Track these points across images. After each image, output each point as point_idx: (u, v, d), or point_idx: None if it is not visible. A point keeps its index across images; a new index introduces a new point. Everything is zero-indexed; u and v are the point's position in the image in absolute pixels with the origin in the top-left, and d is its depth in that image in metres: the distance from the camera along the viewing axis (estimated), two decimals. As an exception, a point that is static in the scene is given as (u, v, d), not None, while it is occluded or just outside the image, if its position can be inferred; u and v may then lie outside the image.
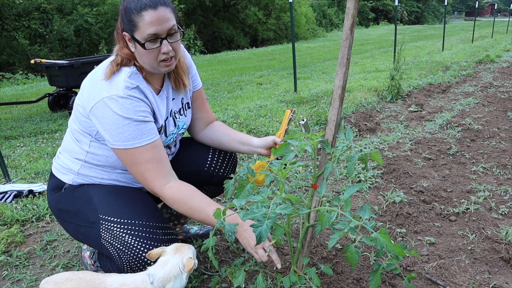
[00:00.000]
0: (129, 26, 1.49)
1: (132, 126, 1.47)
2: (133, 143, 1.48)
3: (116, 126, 1.46)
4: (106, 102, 1.46)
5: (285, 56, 13.34)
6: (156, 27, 1.45)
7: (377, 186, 2.88)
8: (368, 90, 6.27)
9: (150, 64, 1.55)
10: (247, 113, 5.24)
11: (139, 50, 1.51)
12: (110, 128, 1.47)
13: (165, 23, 1.47)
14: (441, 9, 46.38)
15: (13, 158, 3.99)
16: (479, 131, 4.00)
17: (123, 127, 1.46)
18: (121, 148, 1.50)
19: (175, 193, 1.55)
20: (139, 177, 1.55)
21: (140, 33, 1.47)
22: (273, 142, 1.86)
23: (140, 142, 1.49)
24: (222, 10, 22.78)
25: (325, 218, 1.24)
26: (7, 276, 2.04)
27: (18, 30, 15.63)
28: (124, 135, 1.47)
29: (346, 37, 1.39)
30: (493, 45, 13.42)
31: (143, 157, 1.50)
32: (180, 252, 1.42)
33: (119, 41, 1.59)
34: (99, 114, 1.47)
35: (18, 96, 8.42)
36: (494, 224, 2.32)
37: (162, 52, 1.51)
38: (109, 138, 1.50)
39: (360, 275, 1.93)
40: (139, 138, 1.49)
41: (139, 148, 1.49)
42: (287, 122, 1.89)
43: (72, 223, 1.66)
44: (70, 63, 5.90)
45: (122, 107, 1.46)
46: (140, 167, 1.52)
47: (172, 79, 1.74)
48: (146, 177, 1.53)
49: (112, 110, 1.45)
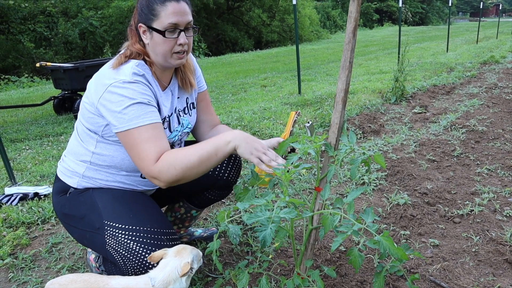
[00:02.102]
0: (149, 16, 1.55)
1: (136, 107, 1.49)
2: (136, 122, 1.49)
3: (122, 107, 1.48)
4: (114, 86, 1.49)
5: (289, 58, 13.35)
6: (177, 17, 1.54)
7: (381, 188, 2.88)
8: (372, 92, 6.26)
9: (164, 55, 1.59)
10: (251, 115, 5.25)
11: (156, 40, 1.56)
12: (116, 110, 1.49)
13: (186, 16, 1.56)
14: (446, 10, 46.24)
15: (18, 161, 4.02)
16: (484, 133, 3.98)
17: (128, 108, 1.48)
18: (124, 130, 1.50)
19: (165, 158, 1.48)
20: (136, 160, 1.52)
21: (160, 22, 1.54)
22: (278, 144, 1.87)
23: (142, 121, 1.49)
24: (226, 13, 22.84)
25: (329, 221, 1.25)
26: (13, 278, 2.06)
27: (24, 34, 15.76)
28: (128, 115, 1.48)
29: (348, 40, 1.39)
30: (498, 46, 13.36)
31: (142, 136, 1.49)
32: (180, 255, 1.43)
33: (131, 37, 1.64)
34: (107, 99, 1.50)
35: (24, 99, 8.49)
36: (499, 226, 2.32)
37: (179, 43, 1.57)
38: (114, 121, 1.51)
39: (363, 277, 1.93)
40: (142, 117, 1.50)
41: (140, 128, 1.49)
42: (292, 124, 1.90)
43: (77, 228, 1.67)
44: (75, 66, 5.94)
45: (129, 90, 1.49)
46: (137, 148, 1.50)
47: (179, 78, 1.77)
48: (142, 158, 1.49)
49: (118, 94, 1.49)
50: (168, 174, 1.47)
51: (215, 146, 1.50)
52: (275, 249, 2.19)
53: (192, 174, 1.51)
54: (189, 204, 2.10)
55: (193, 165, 1.48)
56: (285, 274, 1.97)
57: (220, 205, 2.79)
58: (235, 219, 1.31)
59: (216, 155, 1.50)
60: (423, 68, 8.78)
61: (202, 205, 2.11)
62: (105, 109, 1.51)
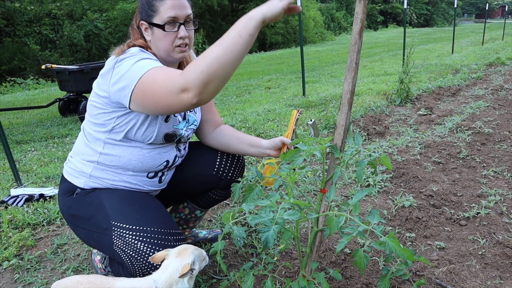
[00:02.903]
0: (149, 12, 1.58)
1: (144, 60, 1.48)
2: (146, 68, 1.43)
3: (130, 65, 1.46)
4: (121, 59, 1.50)
5: (294, 60, 13.35)
6: (176, 11, 1.56)
7: (386, 190, 2.87)
8: (377, 94, 6.25)
9: (165, 49, 1.61)
10: (256, 117, 5.25)
11: (157, 35, 1.59)
12: (125, 72, 1.46)
13: (184, 9, 1.59)
14: (451, 11, 46.10)
15: (24, 163, 4.04)
16: (490, 135, 3.96)
17: (136, 63, 1.46)
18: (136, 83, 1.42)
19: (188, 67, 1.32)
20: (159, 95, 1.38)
21: (160, 17, 1.57)
22: (281, 143, 1.87)
23: (152, 65, 1.44)
24: (230, 15, 22.88)
25: (334, 222, 1.24)
26: (18, 279, 2.07)
27: (29, 36, 15.87)
28: (137, 68, 1.44)
29: (355, 42, 1.39)
30: (504, 48, 13.30)
31: (155, 74, 1.40)
32: (181, 256, 1.42)
33: (133, 34, 1.68)
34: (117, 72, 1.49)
35: (29, 101, 8.54)
36: (506, 228, 2.30)
37: (179, 36, 1.60)
38: (127, 81, 1.45)
39: (369, 280, 1.92)
40: (150, 64, 1.45)
41: (151, 70, 1.41)
42: (294, 123, 1.90)
43: (84, 228, 1.67)
44: (80, 68, 5.97)
45: (136, 56, 1.51)
46: (156, 85, 1.38)
47: None
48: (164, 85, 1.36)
49: (127, 59, 1.50)
50: (194, 75, 1.29)
51: (237, 28, 1.29)
52: (280, 251, 2.18)
53: (219, 67, 1.28)
54: (193, 205, 2.10)
55: (218, 55, 1.28)
56: (290, 276, 1.96)
57: (225, 206, 2.79)
58: (239, 220, 1.31)
59: (240, 36, 1.28)
60: (428, 69, 8.75)
61: (206, 206, 2.11)
62: (117, 79, 1.49)
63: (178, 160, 1.84)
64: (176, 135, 1.74)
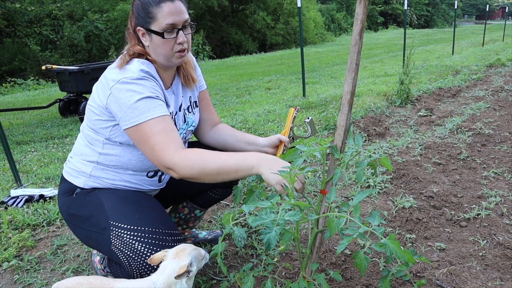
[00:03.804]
0: (146, 19, 1.57)
1: (145, 101, 1.50)
2: (146, 115, 1.49)
3: (131, 102, 1.49)
4: (122, 83, 1.50)
5: (294, 60, 13.35)
6: (174, 17, 1.55)
7: (386, 191, 2.86)
8: (377, 95, 6.25)
9: (165, 56, 1.60)
10: (256, 118, 5.25)
11: (155, 41, 1.58)
12: (125, 106, 1.49)
13: (182, 15, 1.58)
14: (451, 12, 46.13)
15: (24, 163, 4.04)
16: (490, 136, 3.96)
17: (137, 102, 1.49)
18: (134, 125, 1.50)
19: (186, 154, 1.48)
20: (150, 153, 1.52)
21: (158, 24, 1.55)
22: (278, 140, 1.87)
23: (152, 114, 1.50)
24: (230, 15, 22.90)
25: (334, 223, 1.24)
26: (18, 280, 2.06)
27: (30, 37, 15.89)
28: (138, 110, 1.49)
29: (355, 43, 1.39)
30: (504, 49, 13.30)
31: (153, 129, 1.49)
32: (178, 257, 1.42)
33: (130, 40, 1.66)
34: (116, 96, 1.51)
35: (30, 101, 8.54)
36: (506, 230, 2.29)
37: (178, 42, 1.59)
38: (124, 117, 1.51)
39: (369, 281, 1.91)
40: (152, 111, 1.50)
41: (150, 122, 1.49)
42: (291, 120, 1.89)
43: (83, 228, 1.67)
44: (80, 68, 5.97)
45: (138, 85, 1.51)
46: (150, 141, 1.50)
47: (182, 75, 1.79)
48: (156, 150, 1.49)
49: (127, 89, 1.50)
50: (184, 170, 1.47)
51: (238, 166, 1.46)
52: (280, 252, 2.18)
53: (207, 179, 1.50)
54: (192, 204, 2.11)
55: (211, 172, 1.47)
56: (290, 278, 1.96)
57: (225, 207, 2.78)
58: (240, 221, 1.30)
59: (236, 173, 1.47)
60: (428, 71, 8.75)
61: (205, 205, 2.11)
62: (115, 106, 1.52)
63: None
64: None
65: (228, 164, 1.47)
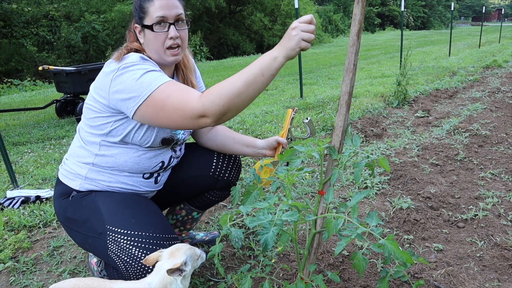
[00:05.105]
0: (140, 15, 1.59)
1: (150, 74, 1.47)
2: (156, 83, 1.43)
3: (135, 79, 1.45)
4: (123, 68, 1.48)
5: (291, 61, 13.25)
6: (164, 11, 1.55)
7: (384, 192, 2.86)
8: (374, 96, 6.26)
9: (156, 51, 1.60)
10: (253, 119, 5.25)
11: (148, 36, 1.59)
12: (131, 85, 1.45)
13: (174, 9, 1.57)
14: (448, 14, 46.29)
15: (20, 164, 4.02)
16: (487, 137, 3.97)
17: (143, 76, 1.45)
18: (147, 97, 1.43)
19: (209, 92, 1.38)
20: (173, 116, 1.41)
21: (149, 18, 1.56)
22: (276, 142, 1.86)
23: (162, 80, 1.44)
24: (228, 17, 22.89)
25: (332, 224, 1.24)
26: (14, 282, 2.05)
27: (27, 37, 15.83)
28: (145, 82, 1.44)
29: (353, 43, 1.38)
30: (501, 50, 13.35)
31: (167, 92, 1.42)
32: (173, 256, 1.41)
33: (129, 37, 1.68)
34: (119, 81, 1.48)
35: (26, 102, 8.50)
36: (503, 230, 2.30)
37: (169, 37, 1.58)
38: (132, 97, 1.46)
39: (367, 282, 1.91)
40: (160, 78, 1.45)
41: (161, 87, 1.42)
42: (289, 122, 1.89)
43: (79, 232, 1.66)
44: (77, 69, 5.95)
45: (139, 65, 1.49)
46: (168, 104, 1.41)
47: (181, 78, 1.78)
48: (179, 107, 1.39)
49: (130, 70, 1.48)
50: (214, 105, 1.35)
51: (260, 66, 1.35)
52: (277, 253, 2.17)
53: (239, 101, 1.37)
54: (190, 206, 2.10)
55: (240, 90, 1.35)
56: (288, 279, 1.96)
57: (222, 208, 2.78)
58: (237, 222, 1.30)
59: (263, 75, 1.35)
60: (425, 72, 8.77)
61: (203, 207, 2.10)
62: (120, 89, 1.48)
63: (173, 161, 1.83)
64: (174, 139, 1.73)
65: (252, 71, 1.35)
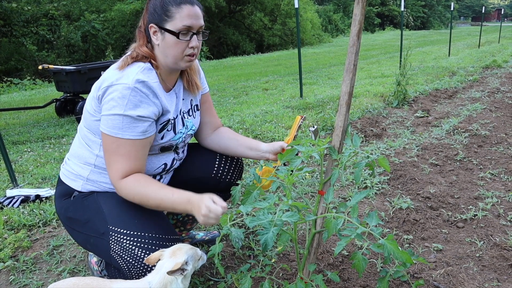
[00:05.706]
0: (162, 17, 1.55)
1: (121, 118, 1.50)
2: (116, 132, 1.51)
3: (110, 112, 1.50)
4: (113, 87, 1.50)
5: (291, 61, 13.36)
6: (192, 20, 1.56)
7: (383, 192, 2.86)
8: (374, 96, 6.26)
9: (174, 57, 1.58)
10: (253, 118, 5.25)
11: (168, 41, 1.56)
12: (106, 110, 1.52)
13: (199, 20, 1.59)
14: (447, 14, 46.31)
15: (20, 163, 4.02)
16: (487, 137, 3.97)
17: (114, 116, 1.49)
18: (104, 132, 1.54)
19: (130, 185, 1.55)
20: (107, 164, 1.58)
21: (174, 24, 1.54)
22: (281, 148, 1.86)
23: (122, 135, 1.51)
24: (228, 16, 22.88)
25: (332, 224, 1.24)
26: (14, 281, 2.05)
27: (26, 36, 15.82)
28: (112, 122, 1.50)
29: (353, 43, 1.39)
30: (500, 50, 13.36)
31: (118, 148, 1.53)
32: (174, 256, 1.41)
33: (139, 39, 1.63)
34: (106, 98, 1.52)
35: (26, 101, 8.50)
36: (503, 231, 2.30)
37: (191, 46, 1.58)
38: (102, 119, 1.54)
39: (367, 282, 1.91)
40: (124, 130, 1.51)
41: (120, 140, 1.52)
42: (296, 129, 1.89)
43: (81, 232, 1.66)
44: (77, 68, 5.94)
45: (125, 97, 1.49)
46: (111, 157, 1.55)
47: (185, 80, 1.77)
48: (110, 168, 1.56)
49: (114, 97, 1.49)
50: (126, 196, 1.56)
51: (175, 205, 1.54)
52: (277, 253, 2.17)
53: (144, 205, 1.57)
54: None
55: (149, 205, 1.56)
56: (287, 278, 1.96)
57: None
58: (237, 222, 1.30)
59: (174, 209, 1.57)
60: (425, 72, 8.77)
61: None
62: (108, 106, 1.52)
63: (176, 163, 1.83)
64: (173, 146, 1.73)
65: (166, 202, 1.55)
